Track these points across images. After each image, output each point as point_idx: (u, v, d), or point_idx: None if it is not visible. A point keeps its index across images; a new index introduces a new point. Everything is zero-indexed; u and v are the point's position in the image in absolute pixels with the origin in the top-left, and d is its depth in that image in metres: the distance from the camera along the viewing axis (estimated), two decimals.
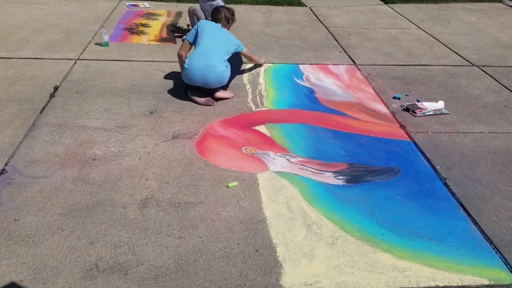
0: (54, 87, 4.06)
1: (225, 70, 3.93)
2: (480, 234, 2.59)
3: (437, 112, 3.95)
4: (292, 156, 3.22)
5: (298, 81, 4.50)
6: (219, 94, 3.97)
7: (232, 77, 4.10)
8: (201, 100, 3.90)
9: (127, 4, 6.93)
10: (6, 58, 4.65)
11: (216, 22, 4.17)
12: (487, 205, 2.82)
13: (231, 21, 4.26)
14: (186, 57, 3.99)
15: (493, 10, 7.68)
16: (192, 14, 5.11)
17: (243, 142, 3.35)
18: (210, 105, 3.87)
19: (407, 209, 2.75)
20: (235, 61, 4.16)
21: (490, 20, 7.02)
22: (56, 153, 3.11)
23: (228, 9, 4.26)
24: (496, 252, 2.46)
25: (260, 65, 4.76)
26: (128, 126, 3.51)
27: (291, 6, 7.39)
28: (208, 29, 4.05)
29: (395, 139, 3.54)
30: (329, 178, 3.01)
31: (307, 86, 4.40)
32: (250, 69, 4.71)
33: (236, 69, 4.22)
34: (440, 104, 4.00)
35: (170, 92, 4.08)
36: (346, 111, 3.93)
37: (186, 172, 2.98)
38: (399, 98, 4.20)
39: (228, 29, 4.21)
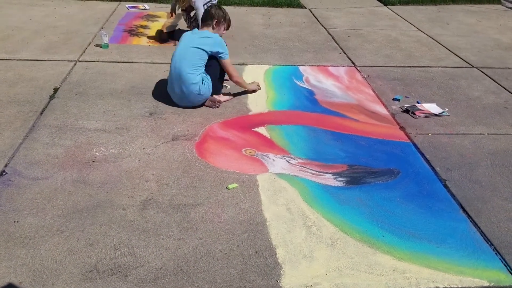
0: (54, 89, 4.06)
1: (199, 92, 3.72)
2: (480, 236, 2.59)
3: (437, 113, 3.95)
4: (291, 158, 3.22)
5: (298, 82, 4.51)
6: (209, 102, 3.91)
7: (215, 79, 3.86)
8: (206, 102, 3.88)
9: (127, 5, 6.93)
10: (6, 59, 4.65)
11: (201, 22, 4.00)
12: (487, 207, 2.82)
13: (215, 18, 3.86)
14: None
15: (492, 12, 7.69)
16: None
17: (243, 144, 3.35)
18: (216, 107, 3.86)
19: (407, 211, 2.75)
20: (214, 65, 3.84)
21: (489, 22, 7.03)
22: (56, 155, 3.11)
23: (216, 6, 3.97)
24: (496, 254, 2.46)
25: (251, 91, 4.15)
26: (128, 127, 3.51)
27: (290, 8, 7.40)
28: (180, 42, 3.88)
29: (394, 140, 3.54)
30: (328, 179, 3.01)
31: (307, 87, 4.41)
32: (250, 71, 4.71)
33: (215, 72, 3.88)
34: (440, 106, 4.00)
35: None
36: (345, 113, 3.93)
37: (185, 173, 2.98)
38: (398, 100, 4.20)
39: (212, 28, 3.88)
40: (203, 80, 3.76)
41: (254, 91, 4.18)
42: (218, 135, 3.47)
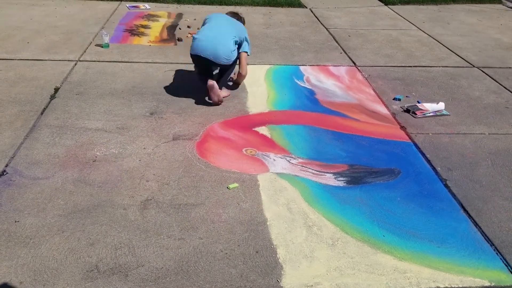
0: (54, 89, 4.06)
1: (233, 49, 3.92)
2: (481, 236, 2.58)
3: (438, 113, 3.95)
4: (292, 158, 3.22)
5: (298, 82, 4.51)
6: (219, 92, 3.92)
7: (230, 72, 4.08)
8: (214, 98, 3.87)
9: (127, 5, 6.94)
10: (6, 59, 4.65)
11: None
12: (488, 206, 2.82)
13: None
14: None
15: (493, 12, 7.68)
16: None
17: (243, 143, 3.36)
18: (219, 104, 3.90)
19: (407, 211, 2.75)
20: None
21: (490, 22, 7.03)
22: (57, 155, 3.11)
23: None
24: (497, 254, 2.46)
25: (240, 77, 4.24)
26: (129, 127, 3.51)
27: (291, 7, 7.40)
28: (219, 15, 4.22)
29: (395, 140, 3.54)
30: (329, 179, 3.01)
31: (308, 87, 4.41)
32: (251, 71, 4.71)
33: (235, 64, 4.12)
34: (441, 105, 4.00)
35: (171, 93, 4.09)
36: (346, 112, 3.93)
37: (186, 173, 2.98)
38: (399, 99, 4.20)
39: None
40: (234, 46, 3.94)
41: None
42: (218, 134, 3.47)
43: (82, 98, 3.93)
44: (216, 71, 3.97)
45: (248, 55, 4.16)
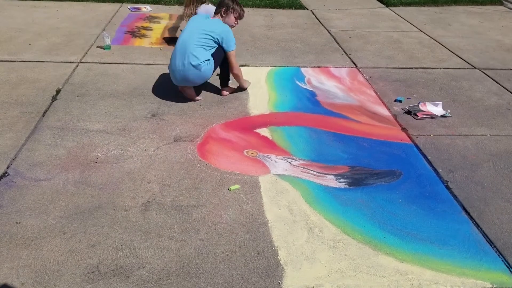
0: (56, 90, 4.07)
1: (204, 65, 3.77)
2: (483, 237, 2.58)
3: (439, 115, 3.94)
4: (293, 159, 3.22)
5: (299, 84, 4.51)
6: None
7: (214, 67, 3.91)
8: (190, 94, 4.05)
9: (129, 7, 6.95)
10: (9, 61, 4.66)
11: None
12: (489, 208, 2.82)
13: (228, 8, 3.93)
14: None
15: (494, 13, 7.68)
16: None
17: (244, 145, 3.36)
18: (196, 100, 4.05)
19: (409, 212, 2.75)
20: (218, 52, 3.87)
21: (491, 23, 7.02)
22: (58, 156, 3.12)
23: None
24: (499, 255, 2.45)
25: (242, 89, 4.23)
26: (130, 129, 3.51)
27: (292, 9, 7.40)
28: (190, 22, 4.04)
29: (396, 142, 3.54)
30: (330, 181, 3.01)
31: (309, 89, 4.41)
32: (252, 73, 4.71)
33: (217, 59, 3.92)
34: (442, 107, 4.00)
35: (172, 95, 4.09)
36: (347, 114, 3.93)
37: (187, 175, 2.99)
38: (400, 101, 4.19)
39: (221, 16, 3.95)
40: (206, 59, 3.80)
41: (244, 89, 4.25)
42: (220, 136, 3.47)
43: (83, 99, 3.94)
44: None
45: (233, 50, 3.90)
